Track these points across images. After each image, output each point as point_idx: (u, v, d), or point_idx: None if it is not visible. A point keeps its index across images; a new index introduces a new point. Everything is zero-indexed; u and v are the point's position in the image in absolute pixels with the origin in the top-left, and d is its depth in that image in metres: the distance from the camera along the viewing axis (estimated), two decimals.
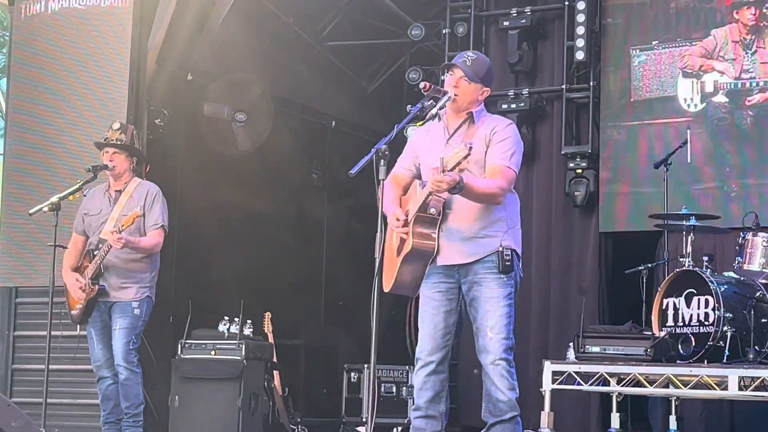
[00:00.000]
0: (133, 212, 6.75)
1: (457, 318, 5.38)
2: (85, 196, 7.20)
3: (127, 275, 6.95)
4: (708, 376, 7.04)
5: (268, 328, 8.70)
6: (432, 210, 5.20)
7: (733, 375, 6.91)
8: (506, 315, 5.33)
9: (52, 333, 7.11)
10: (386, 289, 5.36)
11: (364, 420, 9.19)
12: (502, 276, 5.28)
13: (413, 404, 5.45)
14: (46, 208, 7.13)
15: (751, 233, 7.41)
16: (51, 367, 7.10)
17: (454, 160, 4.87)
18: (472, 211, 5.26)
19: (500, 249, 5.26)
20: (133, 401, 6.94)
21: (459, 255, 5.28)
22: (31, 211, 7.33)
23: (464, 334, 5.58)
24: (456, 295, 5.36)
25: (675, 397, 7.76)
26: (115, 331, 6.93)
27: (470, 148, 4.85)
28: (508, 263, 5.27)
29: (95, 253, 6.93)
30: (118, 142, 7.09)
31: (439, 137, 5.38)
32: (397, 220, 5.22)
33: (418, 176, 5.44)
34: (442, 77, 5.38)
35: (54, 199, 7.12)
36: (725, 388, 6.97)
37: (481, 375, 5.39)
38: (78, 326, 7.19)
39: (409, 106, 5.39)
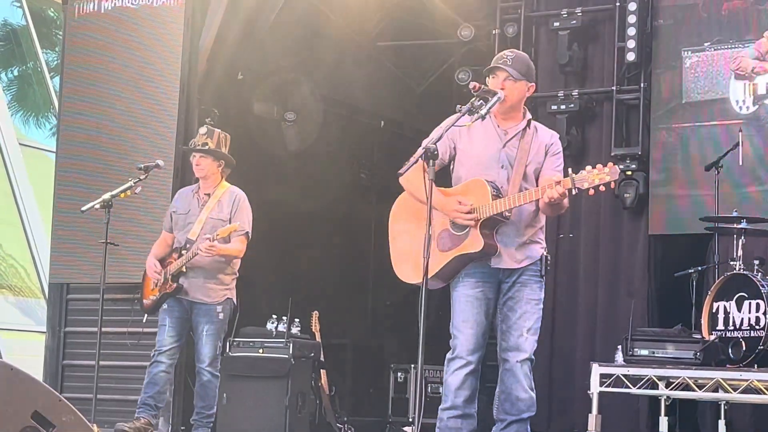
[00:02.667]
0: (232, 226, 6.97)
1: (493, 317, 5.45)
2: (136, 193, 7.29)
3: (211, 276, 7.10)
4: (758, 380, 6.98)
5: (315, 327, 8.73)
6: (508, 213, 5.27)
7: None
8: (540, 318, 5.44)
9: (103, 329, 7.18)
10: (413, 281, 5.36)
11: (410, 420, 9.20)
12: (541, 280, 5.42)
13: (446, 404, 5.39)
14: (98, 206, 7.22)
15: None
16: (101, 363, 7.17)
17: (589, 181, 5.03)
18: (527, 217, 5.37)
19: (544, 254, 5.42)
20: (209, 402, 7.17)
21: (512, 260, 5.37)
22: (83, 209, 7.41)
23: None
24: (496, 295, 5.43)
25: (724, 402, 7.69)
26: (203, 336, 7.10)
27: (618, 173, 5.08)
28: (548, 268, 5.44)
29: (182, 252, 7.05)
30: (204, 146, 7.19)
31: (491, 137, 5.40)
32: (461, 205, 5.23)
33: (444, 165, 5.43)
34: (488, 80, 5.41)
35: (106, 196, 7.20)
36: None
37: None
38: (145, 316, 7.39)
39: (459, 105, 5.38)
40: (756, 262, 7.43)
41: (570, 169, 5.16)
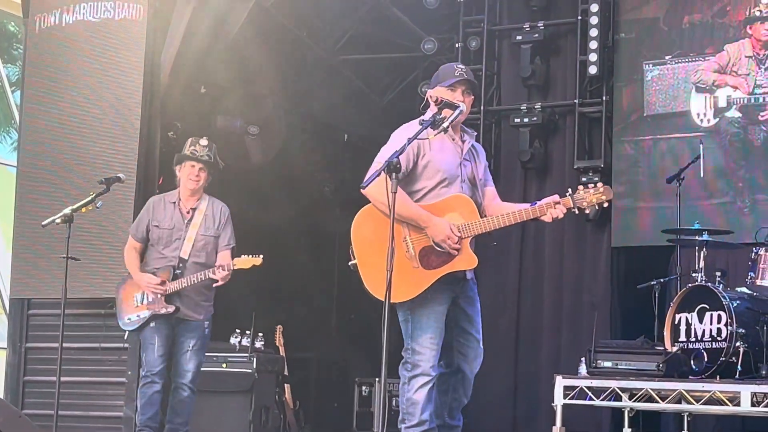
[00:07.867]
0: (258, 260, 6.92)
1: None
2: (98, 207, 7.20)
3: (201, 294, 6.99)
4: (720, 391, 7.02)
5: (279, 341, 8.70)
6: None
7: (746, 391, 6.89)
8: None
9: (65, 345, 7.11)
10: (404, 299, 5.31)
11: None
12: None
13: (412, 421, 5.35)
14: (59, 220, 7.14)
15: (763, 248, 7.39)
16: (62, 379, 7.10)
17: (588, 201, 5.21)
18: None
19: None
20: (186, 418, 7.03)
21: (470, 272, 5.47)
22: (44, 223, 7.34)
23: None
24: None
25: (687, 413, 7.72)
26: (188, 352, 6.94)
27: (611, 193, 5.27)
28: None
29: (176, 272, 6.93)
30: (208, 158, 7.09)
31: (451, 152, 5.49)
32: (449, 238, 5.25)
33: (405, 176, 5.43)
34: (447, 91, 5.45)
35: (67, 210, 7.13)
36: (738, 404, 6.95)
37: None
38: (126, 333, 7.23)
39: (421, 119, 5.40)
40: (717, 273, 7.48)
41: (569, 189, 5.29)
